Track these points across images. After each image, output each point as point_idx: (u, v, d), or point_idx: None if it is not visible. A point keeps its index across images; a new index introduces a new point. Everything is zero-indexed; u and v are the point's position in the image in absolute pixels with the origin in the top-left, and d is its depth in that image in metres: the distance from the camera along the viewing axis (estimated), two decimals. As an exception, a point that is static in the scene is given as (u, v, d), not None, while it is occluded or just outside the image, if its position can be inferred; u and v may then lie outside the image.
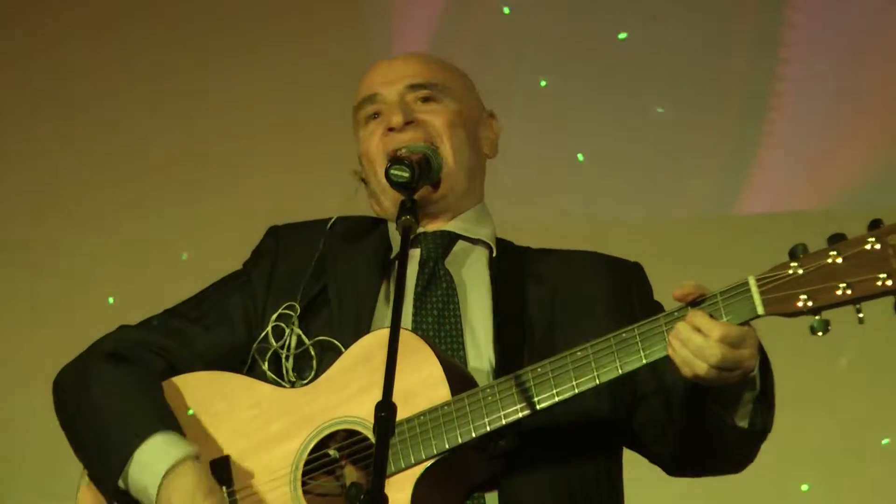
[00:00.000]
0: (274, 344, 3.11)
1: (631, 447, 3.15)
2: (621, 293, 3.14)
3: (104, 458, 3.01)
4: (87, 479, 3.09)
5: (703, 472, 3.13)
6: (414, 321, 3.08)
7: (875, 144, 5.35)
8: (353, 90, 3.35)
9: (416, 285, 3.12)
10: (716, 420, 2.87)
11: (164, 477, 2.93)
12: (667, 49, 5.41)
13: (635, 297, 3.15)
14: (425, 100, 3.20)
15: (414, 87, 3.20)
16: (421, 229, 3.18)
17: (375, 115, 3.21)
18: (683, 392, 2.90)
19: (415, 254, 3.17)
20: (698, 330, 2.72)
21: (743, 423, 2.88)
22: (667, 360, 2.79)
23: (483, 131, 3.27)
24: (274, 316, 3.13)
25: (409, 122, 3.16)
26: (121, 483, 2.99)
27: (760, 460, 3.04)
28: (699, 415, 2.89)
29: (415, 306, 3.10)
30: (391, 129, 3.16)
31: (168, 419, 3.01)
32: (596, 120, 5.43)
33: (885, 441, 5.03)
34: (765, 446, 2.98)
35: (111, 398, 3.05)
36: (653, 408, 3.05)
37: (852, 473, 5.05)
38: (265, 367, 3.10)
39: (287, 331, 3.12)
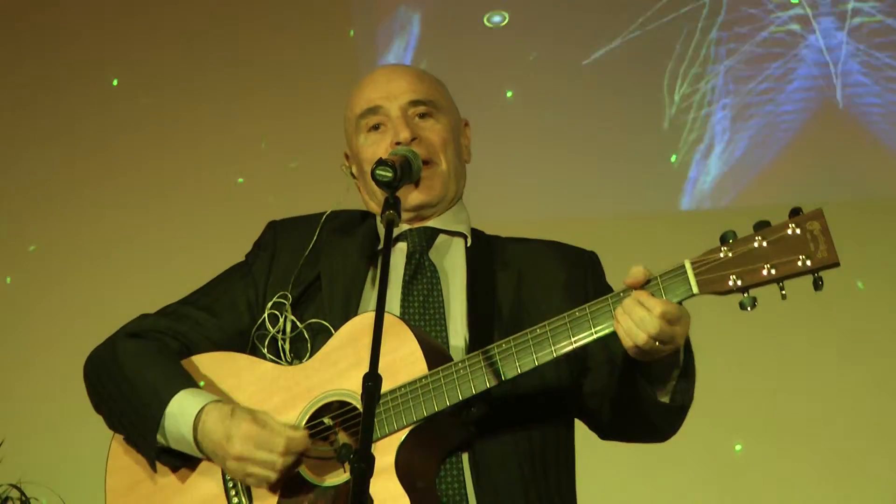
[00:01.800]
0: (271, 330, 3.36)
1: (578, 416, 3.38)
2: (578, 278, 3.40)
3: (141, 419, 3.28)
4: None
5: (630, 439, 3.39)
6: (402, 306, 3.33)
7: (812, 150, 5.63)
8: (335, 95, 3.61)
9: (404, 275, 3.37)
10: (644, 394, 3.14)
11: (195, 418, 3.21)
12: (616, 59, 5.72)
13: (590, 281, 3.40)
14: (423, 115, 3.44)
15: (414, 104, 3.43)
16: (407, 226, 3.45)
17: (376, 127, 3.43)
18: (622, 367, 3.15)
19: (402, 247, 3.42)
20: (642, 305, 2.96)
21: (665, 399, 3.15)
22: (614, 337, 3.02)
23: (462, 139, 3.53)
24: (269, 305, 3.38)
25: (413, 139, 3.39)
26: (160, 438, 3.26)
27: (698, 425, 3.30)
28: (632, 388, 3.15)
29: (402, 293, 3.35)
30: (398, 143, 3.37)
31: (189, 380, 3.29)
32: (555, 125, 5.68)
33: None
34: (702, 413, 3.24)
35: (138, 368, 3.32)
36: (598, 378, 3.29)
37: (777, 428, 5.30)
38: (265, 350, 3.36)
39: (281, 318, 3.36)
